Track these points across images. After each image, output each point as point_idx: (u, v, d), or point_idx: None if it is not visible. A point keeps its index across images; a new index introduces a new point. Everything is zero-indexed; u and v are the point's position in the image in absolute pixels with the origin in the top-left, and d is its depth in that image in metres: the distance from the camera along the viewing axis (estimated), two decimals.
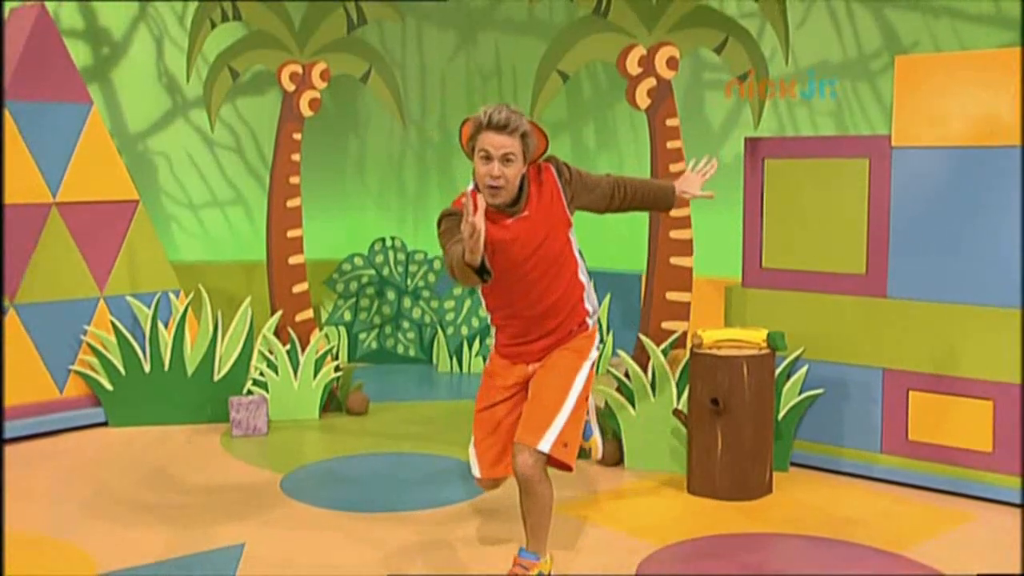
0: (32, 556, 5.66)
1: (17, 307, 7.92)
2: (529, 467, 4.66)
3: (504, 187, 4.61)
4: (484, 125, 4.57)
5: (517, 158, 4.60)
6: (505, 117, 4.54)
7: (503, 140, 4.55)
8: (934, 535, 5.91)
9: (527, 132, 4.61)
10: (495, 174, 4.57)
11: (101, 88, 10.74)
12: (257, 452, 7.66)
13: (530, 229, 4.74)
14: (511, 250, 4.72)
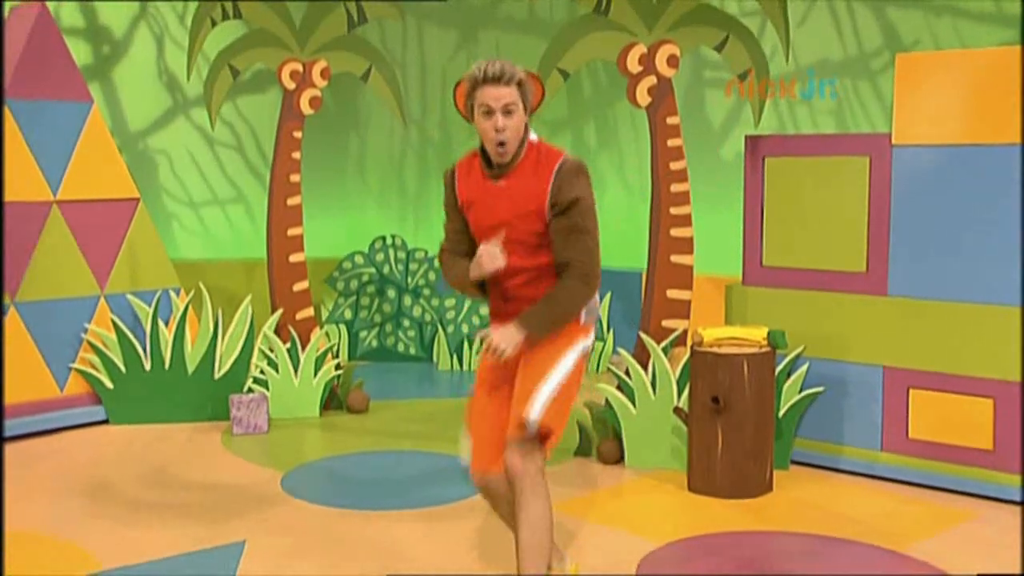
0: (32, 554, 5.67)
1: (18, 305, 7.93)
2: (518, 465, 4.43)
3: (510, 139, 4.45)
4: (480, 80, 4.44)
5: (518, 108, 4.46)
6: (499, 68, 4.43)
7: (501, 91, 4.42)
8: (935, 533, 5.93)
9: (523, 80, 4.49)
10: (499, 126, 4.41)
11: (102, 86, 10.74)
12: (258, 450, 7.67)
13: (501, 199, 4.58)
14: (479, 210, 4.63)
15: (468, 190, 4.66)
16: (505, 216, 4.55)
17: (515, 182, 4.55)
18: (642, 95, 7.41)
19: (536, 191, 4.51)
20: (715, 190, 9.85)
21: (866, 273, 6.82)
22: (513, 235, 4.55)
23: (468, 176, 4.69)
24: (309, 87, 8.94)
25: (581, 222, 4.50)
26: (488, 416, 4.72)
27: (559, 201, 4.47)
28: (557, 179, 4.49)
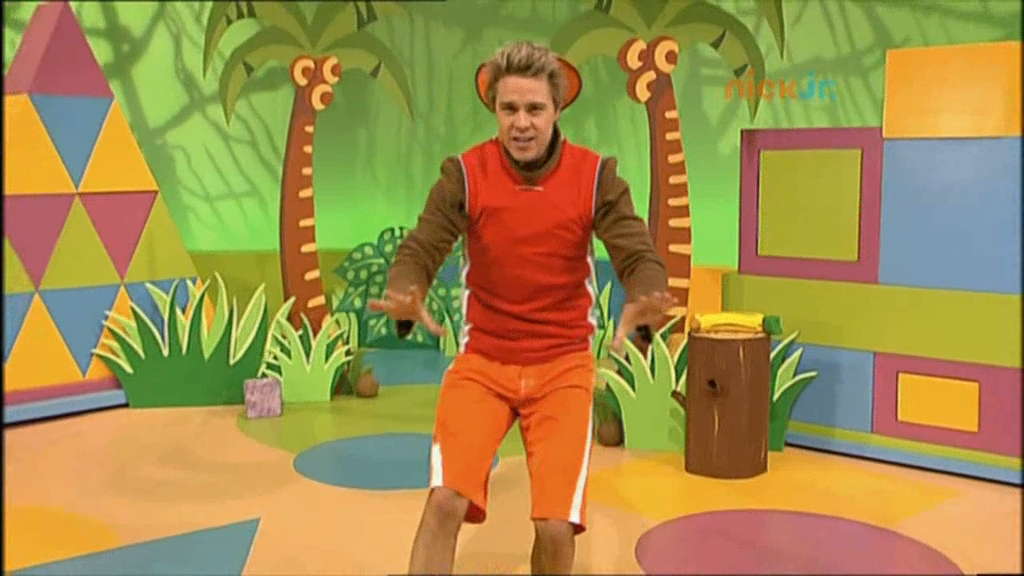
0: (57, 529, 5.71)
1: (42, 293, 7.95)
2: (563, 534, 3.66)
3: (536, 138, 3.72)
4: (504, 69, 3.69)
5: (547, 104, 3.72)
6: (527, 55, 3.67)
7: (528, 84, 3.68)
8: (922, 511, 5.95)
9: (555, 71, 3.73)
10: (522, 125, 3.68)
11: (121, 83, 10.76)
12: (271, 432, 7.69)
13: (538, 209, 3.82)
14: (508, 221, 3.83)
15: (491, 195, 3.85)
16: (545, 225, 3.82)
17: (556, 186, 3.83)
18: (641, 90, 7.43)
19: (581, 195, 3.83)
20: (712, 182, 9.87)
21: (858, 262, 6.83)
22: (549, 247, 3.84)
23: (487, 177, 3.88)
24: (320, 83, 8.96)
25: (634, 213, 3.88)
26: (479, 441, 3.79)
27: (610, 196, 3.83)
28: (603, 176, 3.84)
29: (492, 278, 3.91)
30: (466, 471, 3.69)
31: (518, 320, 3.88)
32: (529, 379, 3.90)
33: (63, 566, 5.18)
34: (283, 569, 5.16)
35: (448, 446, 3.75)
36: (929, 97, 6.51)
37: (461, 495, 3.65)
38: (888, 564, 5.31)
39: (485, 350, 3.96)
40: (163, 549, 5.42)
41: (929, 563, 5.23)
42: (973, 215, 6.40)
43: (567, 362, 3.94)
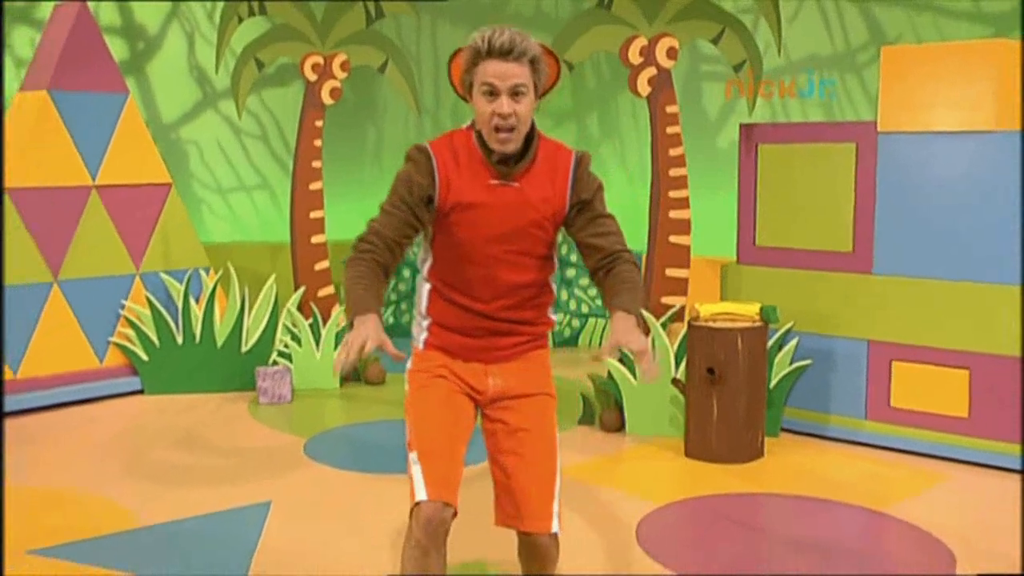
0: (76, 511, 5.73)
1: (61, 283, 7.97)
2: (549, 545, 3.62)
3: (517, 128, 3.43)
4: (484, 53, 3.39)
5: (528, 91, 3.41)
6: (509, 39, 3.38)
7: (510, 68, 3.38)
8: (914, 494, 5.97)
9: (537, 56, 3.42)
10: (504, 111, 3.38)
11: (137, 80, 10.76)
12: (282, 418, 7.70)
13: (512, 206, 3.54)
14: (481, 218, 3.53)
15: (464, 190, 3.53)
16: (520, 224, 3.55)
17: (531, 183, 3.55)
18: (643, 85, 7.45)
19: (556, 192, 3.58)
20: (711, 175, 9.87)
21: (853, 253, 6.84)
22: (522, 246, 3.59)
23: (459, 170, 3.55)
24: (330, 79, 9.00)
25: (607, 211, 3.67)
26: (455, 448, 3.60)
27: (585, 194, 3.60)
28: (578, 172, 3.60)
29: (458, 275, 3.63)
30: (447, 480, 3.51)
31: (484, 318, 3.64)
32: (496, 378, 3.68)
33: (83, 546, 5.19)
34: (294, 550, 5.18)
35: (426, 457, 3.53)
36: (922, 93, 6.52)
37: (448, 505, 3.47)
38: (881, 545, 5.32)
39: (447, 347, 3.70)
40: (178, 530, 5.45)
41: (921, 544, 5.25)
42: (965, 207, 6.41)
43: (532, 362, 3.75)
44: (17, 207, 7.72)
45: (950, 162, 6.45)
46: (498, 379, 3.67)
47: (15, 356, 7.75)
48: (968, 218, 6.41)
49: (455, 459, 3.57)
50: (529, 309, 3.68)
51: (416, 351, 3.75)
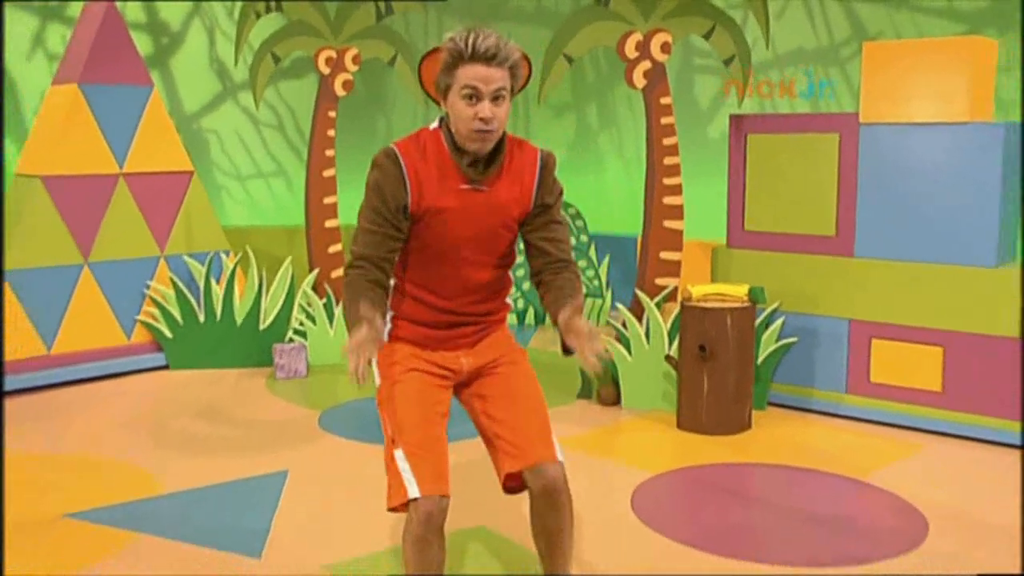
0: (105, 478, 5.78)
1: (91, 265, 7.99)
2: (561, 477, 3.52)
3: (495, 130, 3.32)
4: (468, 56, 3.24)
5: (507, 95, 3.32)
6: (494, 44, 3.23)
7: (493, 73, 3.25)
8: (891, 463, 6.00)
9: (516, 62, 3.31)
10: (487, 115, 3.26)
11: (161, 73, 10.76)
12: (298, 392, 7.72)
13: (483, 209, 3.45)
14: (452, 221, 3.43)
15: (435, 194, 3.41)
16: (489, 227, 3.48)
17: (501, 185, 3.47)
18: (639, 78, 7.43)
19: (524, 194, 3.51)
20: (703, 163, 9.88)
21: (836, 236, 6.85)
22: (489, 247, 3.53)
23: (429, 175, 3.41)
24: (342, 72, 9.01)
25: (562, 215, 3.62)
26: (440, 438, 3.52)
27: (548, 199, 3.54)
28: (544, 174, 3.53)
29: (426, 275, 3.55)
30: (436, 471, 3.43)
31: (449, 314, 3.58)
32: (468, 358, 3.64)
33: (114, 510, 5.25)
34: (310, 516, 5.22)
35: (413, 453, 3.43)
36: (901, 86, 6.53)
37: (443, 496, 3.41)
38: (860, 511, 5.34)
39: (413, 339, 3.61)
40: (201, 497, 5.49)
41: (896, 511, 5.28)
42: (941, 194, 6.43)
43: (495, 337, 3.70)
44: (50, 193, 7.75)
45: (927, 151, 6.46)
46: (469, 357, 3.64)
47: (49, 333, 7.78)
48: (943, 204, 6.42)
49: (440, 449, 3.49)
50: (491, 301, 3.65)
51: (383, 344, 3.52)
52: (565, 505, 3.56)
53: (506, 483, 3.60)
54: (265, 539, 4.92)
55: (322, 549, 4.80)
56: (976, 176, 6.31)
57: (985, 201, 6.30)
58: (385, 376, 3.62)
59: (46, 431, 6.74)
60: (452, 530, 3.68)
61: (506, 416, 3.58)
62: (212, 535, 4.95)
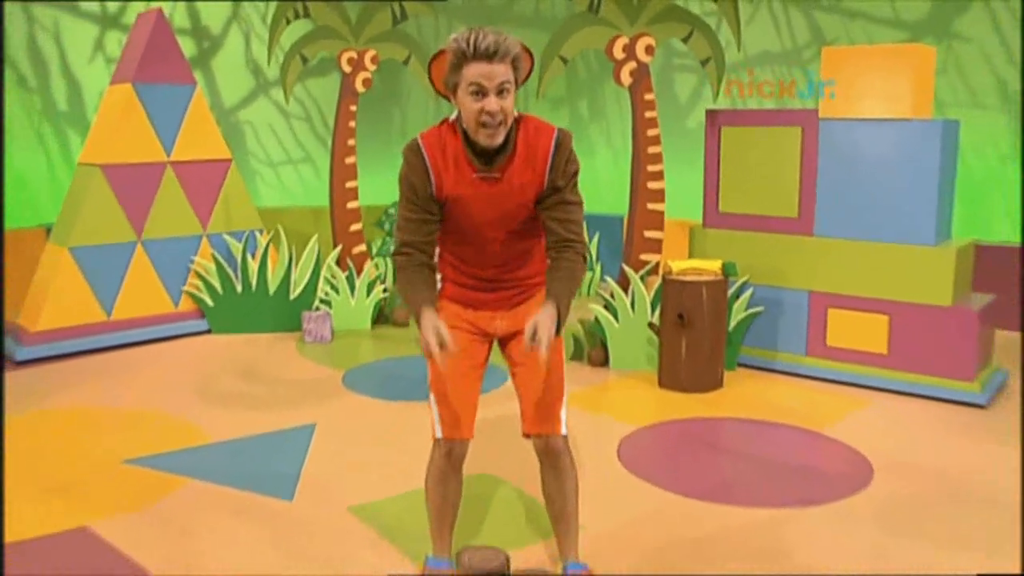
0: (155, 429, 5.85)
1: (144, 242, 8.01)
2: (562, 447, 3.58)
3: (503, 122, 3.23)
4: (470, 55, 3.14)
5: (512, 87, 3.21)
6: (493, 42, 3.12)
7: (495, 68, 3.14)
8: (843, 417, 6.03)
9: (517, 55, 3.19)
10: (493, 108, 3.17)
11: (203, 72, 10.80)
12: (324, 354, 7.72)
13: (497, 195, 3.37)
14: (470, 208, 3.39)
15: (453, 184, 3.37)
16: (505, 210, 3.41)
17: (514, 172, 3.36)
18: (625, 77, 7.42)
19: (536, 177, 3.38)
20: (682, 152, 9.90)
21: (798, 218, 6.85)
22: (510, 227, 3.46)
23: (447, 165, 3.36)
24: (362, 71, 9.01)
25: (575, 197, 3.45)
26: (468, 389, 3.57)
27: (560, 181, 3.39)
28: (557, 158, 3.36)
29: (459, 250, 3.55)
30: (461, 419, 3.54)
31: (486, 281, 3.57)
32: (502, 320, 3.63)
33: (166, 457, 5.32)
34: (335, 463, 5.27)
35: (442, 402, 3.55)
36: (855, 86, 6.54)
37: (462, 440, 3.56)
38: (816, 459, 5.38)
39: (458, 299, 3.62)
40: (241, 446, 5.54)
41: (847, 458, 5.33)
42: (888, 181, 6.45)
43: (534, 302, 3.63)
44: (108, 180, 7.78)
45: (876, 144, 6.48)
46: (504, 321, 3.62)
47: (108, 302, 7.83)
48: (890, 190, 6.45)
49: (468, 399, 3.56)
50: (525, 267, 3.59)
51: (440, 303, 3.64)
52: (566, 470, 3.61)
53: (524, 433, 3.63)
54: (296, 483, 4.96)
55: (346, 492, 4.84)
56: (918, 166, 6.35)
57: (925, 188, 6.34)
58: None
59: (106, 387, 6.78)
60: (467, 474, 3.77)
61: (524, 385, 3.59)
62: (250, 480, 5.00)
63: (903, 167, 6.41)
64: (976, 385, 6.28)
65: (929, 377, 6.40)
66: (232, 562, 4.12)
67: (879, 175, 6.51)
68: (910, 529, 4.44)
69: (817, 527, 4.45)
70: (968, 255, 6.60)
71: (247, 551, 4.22)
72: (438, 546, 3.75)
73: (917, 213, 6.39)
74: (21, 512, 4.62)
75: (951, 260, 6.29)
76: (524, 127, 3.36)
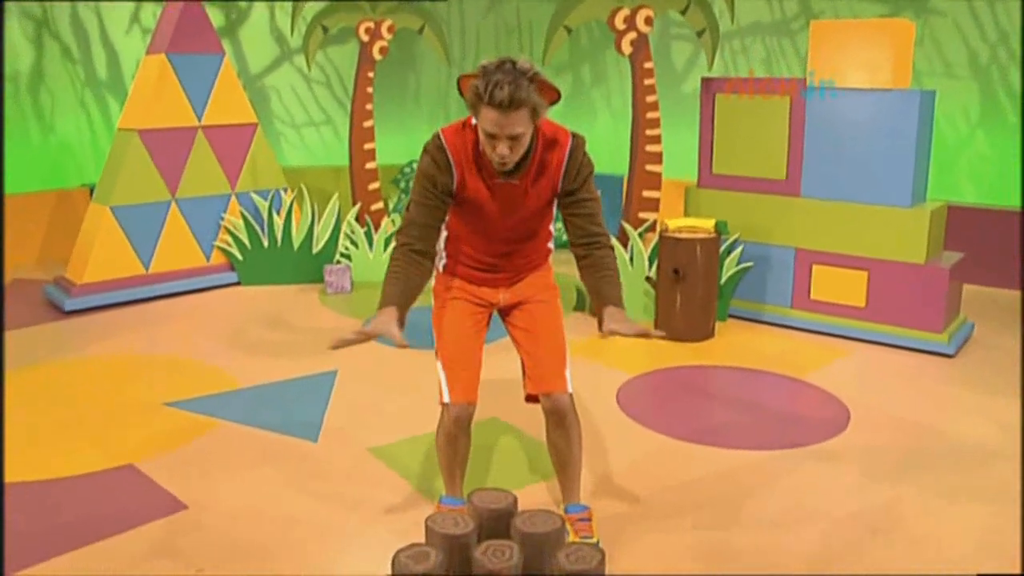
0: (190, 374, 5.90)
1: (177, 200, 8.02)
2: (568, 405, 3.56)
3: (513, 162, 3.17)
4: (485, 101, 3.00)
5: (526, 131, 3.08)
6: (508, 96, 2.94)
7: (509, 119, 3.01)
8: (824, 366, 6.08)
9: (536, 104, 3.03)
10: (503, 153, 3.09)
11: (231, 41, 10.76)
12: (344, 305, 7.74)
13: (514, 198, 3.32)
14: (486, 208, 3.35)
15: (472, 186, 3.31)
16: (520, 213, 3.37)
17: (530, 179, 3.30)
18: (626, 46, 7.41)
19: (550, 182, 3.33)
20: (678, 116, 9.91)
21: (785, 180, 6.85)
22: (522, 226, 3.43)
23: (469, 167, 3.29)
24: (379, 39, 8.99)
25: (591, 194, 3.39)
26: (472, 356, 3.59)
27: (573, 185, 3.34)
28: (570, 165, 3.31)
29: (469, 239, 3.51)
30: (466, 384, 3.55)
31: (491, 265, 3.54)
32: (505, 292, 3.62)
33: (200, 401, 5.38)
34: (356, 406, 5.33)
35: (449, 367, 3.57)
36: (839, 57, 6.52)
37: (469, 404, 3.57)
38: (798, 405, 5.43)
39: (463, 276, 3.60)
40: (269, 391, 5.59)
41: (826, 403, 5.39)
42: (868, 147, 6.45)
43: (535, 277, 3.63)
44: (144, 143, 7.77)
45: (858, 112, 6.46)
46: (507, 293, 3.62)
47: (146, 256, 7.86)
48: (870, 155, 6.45)
49: (472, 364, 3.58)
50: (528, 253, 3.57)
51: (438, 273, 3.67)
52: (571, 427, 3.61)
53: (527, 397, 3.65)
54: (320, 426, 5.03)
55: (366, 434, 4.91)
56: (896, 133, 6.34)
57: (903, 153, 6.34)
58: (436, 300, 3.67)
59: (145, 336, 6.84)
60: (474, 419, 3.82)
61: (529, 348, 3.59)
62: (277, 422, 5.07)
63: (883, 134, 6.40)
64: (944, 336, 6.32)
65: (903, 329, 6.44)
66: (261, 498, 4.20)
67: (861, 141, 6.49)
68: (885, 470, 4.51)
69: (801, 467, 4.52)
70: (941, 216, 6.60)
71: (275, 488, 4.30)
72: (450, 489, 3.81)
73: (895, 177, 6.39)
74: (73, 450, 4.72)
75: (925, 221, 6.31)
76: (542, 136, 3.27)
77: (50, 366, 6.11)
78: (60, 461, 4.58)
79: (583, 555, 2.36)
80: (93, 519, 3.99)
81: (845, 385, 5.70)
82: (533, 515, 2.53)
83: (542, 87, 3.04)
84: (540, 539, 2.44)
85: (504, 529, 2.56)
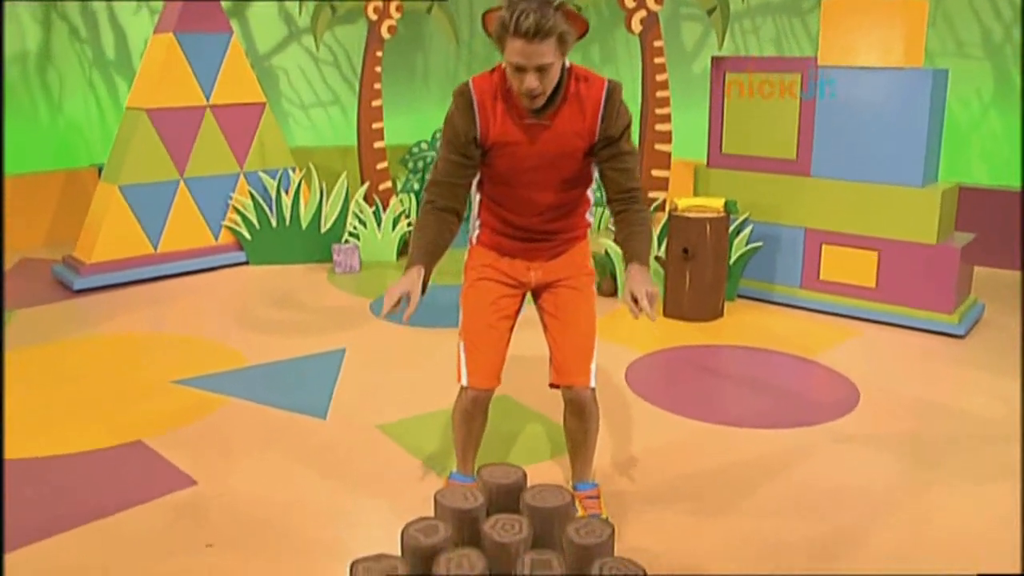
0: (199, 352, 5.92)
1: (186, 180, 8.03)
2: (589, 398, 3.49)
3: (542, 95, 3.04)
4: (511, 32, 2.90)
5: (555, 62, 2.96)
6: (535, 24, 2.84)
7: (536, 49, 2.90)
8: (834, 345, 6.08)
9: (563, 32, 2.91)
10: (531, 87, 2.97)
11: (239, 21, 10.75)
12: (352, 284, 7.74)
13: (546, 142, 3.17)
14: (518, 153, 3.20)
15: (499, 130, 3.18)
16: (552, 156, 3.20)
17: (561, 121, 3.16)
18: (635, 24, 7.43)
19: (586, 127, 3.18)
20: (688, 96, 9.89)
21: (796, 160, 6.83)
22: (556, 174, 3.26)
23: (496, 111, 3.17)
24: (387, 19, 8.99)
25: (630, 147, 3.26)
26: (496, 341, 3.48)
27: (612, 132, 3.18)
28: (607, 109, 3.16)
29: (502, 196, 3.37)
30: (487, 369, 3.48)
31: (526, 230, 3.40)
32: (537, 271, 3.49)
33: (210, 379, 5.40)
34: (364, 384, 5.34)
35: (471, 350, 3.49)
36: (851, 36, 6.49)
37: (487, 389, 3.51)
38: (808, 384, 5.44)
39: (496, 246, 3.49)
40: (278, 368, 5.61)
41: (836, 383, 5.39)
42: (880, 126, 6.42)
43: (570, 255, 3.52)
44: (153, 122, 7.78)
45: (870, 91, 6.44)
46: (538, 272, 3.50)
47: (155, 236, 7.87)
48: (882, 134, 6.42)
49: (496, 348, 3.49)
50: (565, 219, 3.43)
51: (471, 246, 3.60)
52: (590, 418, 3.56)
53: (551, 383, 3.55)
54: (329, 403, 5.05)
55: (375, 411, 4.92)
56: (908, 112, 6.31)
57: (915, 133, 6.31)
58: (466, 277, 3.59)
59: (154, 314, 6.87)
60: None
61: (557, 336, 3.50)
62: (287, 399, 5.08)
63: (894, 113, 6.37)
64: (955, 317, 6.31)
65: (913, 309, 6.43)
66: (270, 474, 4.22)
67: (872, 120, 6.47)
68: (894, 449, 4.52)
69: (809, 446, 4.52)
70: (952, 197, 6.57)
71: (284, 464, 4.31)
72: (462, 466, 3.81)
73: (906, 156, 6.37)
74: (83, 426, 4.74)
75: (937, 201, 6.28)
76: (574, 76, 3.16)
77: (59, 345, 6.13)
78: (69, 438, 4.60)
79: (593, 528, 2.36)
80: (102, 494, 4.00)
81: (855, 365, 5.68)
82: (543, 490, 2.53)
83: (569, 16, 2.96)
84: (549, 513, 2.44)
85: (513, 504, 2.56)
